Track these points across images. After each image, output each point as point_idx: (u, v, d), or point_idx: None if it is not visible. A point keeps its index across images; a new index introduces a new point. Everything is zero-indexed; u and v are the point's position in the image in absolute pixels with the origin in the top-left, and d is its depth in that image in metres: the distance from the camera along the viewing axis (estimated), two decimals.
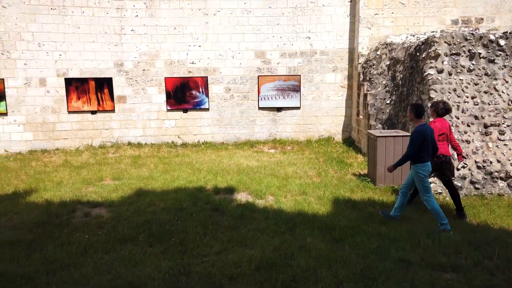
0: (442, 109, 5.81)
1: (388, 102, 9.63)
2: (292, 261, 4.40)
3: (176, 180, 7.85)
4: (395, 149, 7.25)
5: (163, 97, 11.89)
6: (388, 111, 9.52)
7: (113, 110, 11.71)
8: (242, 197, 6.87)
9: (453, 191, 5.85)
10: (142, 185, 7.56)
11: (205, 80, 11.87)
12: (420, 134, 5.18)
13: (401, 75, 9.30)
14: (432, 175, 6.23)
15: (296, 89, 11.93)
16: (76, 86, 11.36)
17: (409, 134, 7.25)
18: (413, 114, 5.39)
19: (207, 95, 11.93)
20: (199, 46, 11.75)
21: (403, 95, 8.88)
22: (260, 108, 12.09)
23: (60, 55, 11.15)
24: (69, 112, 11.41)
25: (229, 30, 11.72)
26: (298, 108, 12.00)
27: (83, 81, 11.39)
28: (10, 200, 6.72)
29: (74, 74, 11.31)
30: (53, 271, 4.19)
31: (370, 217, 5.77)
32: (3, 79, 10.86)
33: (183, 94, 11.92)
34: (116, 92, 11.66)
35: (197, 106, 12.04)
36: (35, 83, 11.10)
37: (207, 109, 12.01)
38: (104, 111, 11.64)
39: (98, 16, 11.24)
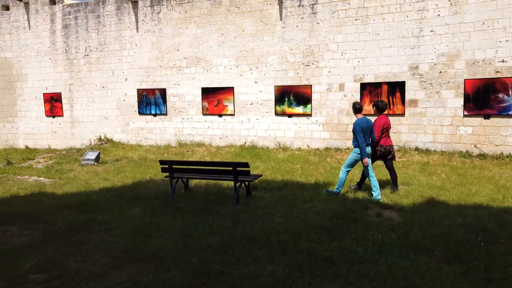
0: (381, 106, 7.32)
1: None
2: None
3: (475, 196, 6.88)
4: None
5: (460, 101, 10.75)
6: None
7: (402, 114, 11.59)
8: None
9: (393, 172, 7.37)
10: (434, 195, 7.06)
11: None
12: (358, 126, 6.68)
13: None
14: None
15: None
16: (369, 90, 11.95)
17: None
18: (353, 110, 6.99)
19: None
20: None
21: None
22: None
23: (358, 61, 12.00)
24: None
25: None
26: None
27: (376, 85, 11.84)
28: (313, 189, 7.76)
29: (369, 79, 11.92)
30: (351, 262, 4.47)
31: None
32: (311, 85, 12.76)
33: (486, 97, 10.36)
34: (408, 96, 11.46)
35: (504, 112, 10.19)
36: (335, 88, 12.43)
37: None
38: (394, 114, 11.68)
39: (397, 21, 11.35)
